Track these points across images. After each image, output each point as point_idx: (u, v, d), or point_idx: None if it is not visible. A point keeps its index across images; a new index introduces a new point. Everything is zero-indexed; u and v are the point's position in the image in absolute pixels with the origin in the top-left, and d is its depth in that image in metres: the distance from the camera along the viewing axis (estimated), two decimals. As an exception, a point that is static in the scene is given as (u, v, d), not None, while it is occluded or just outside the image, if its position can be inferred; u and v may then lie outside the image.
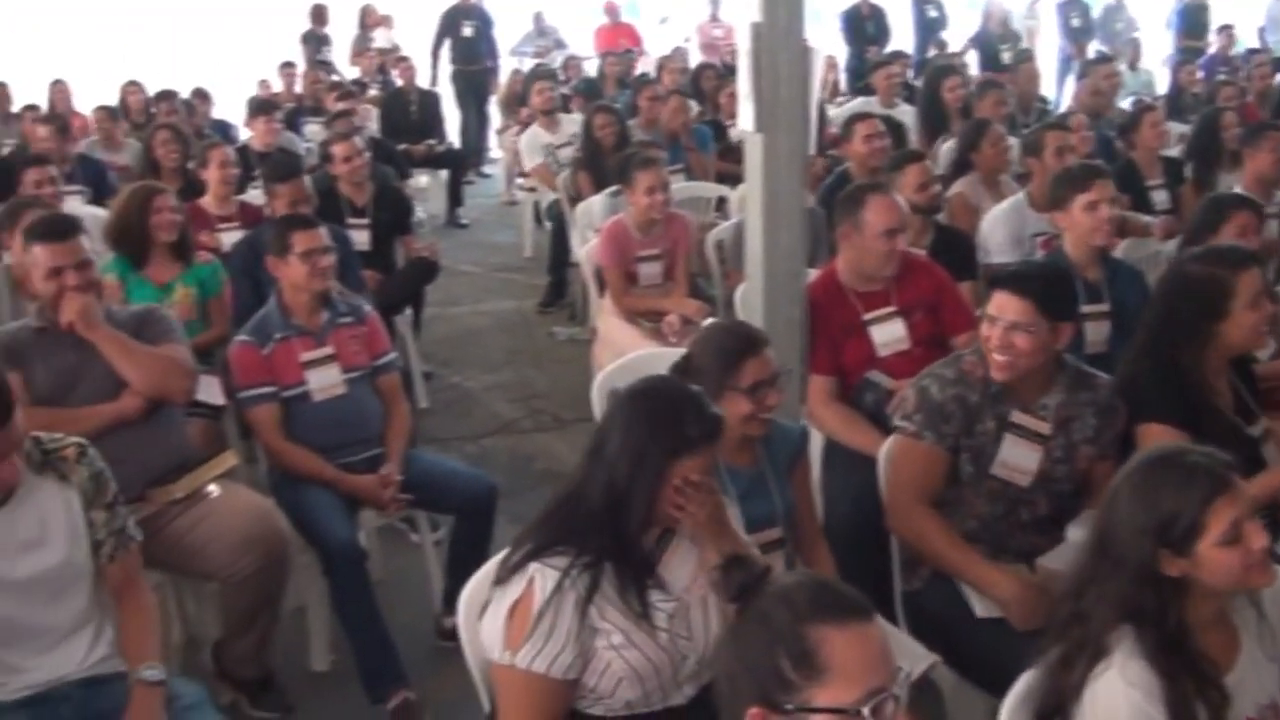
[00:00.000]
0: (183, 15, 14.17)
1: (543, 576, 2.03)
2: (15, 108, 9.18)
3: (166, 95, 8.56)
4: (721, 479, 2.60)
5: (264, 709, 3.35)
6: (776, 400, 2.67)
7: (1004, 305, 2.72)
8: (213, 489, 3.25)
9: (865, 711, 1.47)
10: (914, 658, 2.54)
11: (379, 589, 3.47)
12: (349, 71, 11.83)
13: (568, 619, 2.02)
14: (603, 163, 6.57)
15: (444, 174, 9.57)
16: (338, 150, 5.58)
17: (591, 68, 11.91)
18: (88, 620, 2.54)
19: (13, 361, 3.15)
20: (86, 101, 8.76)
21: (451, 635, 3.53)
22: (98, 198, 6.50)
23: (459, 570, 3.48)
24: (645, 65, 11.34)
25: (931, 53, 11.20)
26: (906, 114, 7.34)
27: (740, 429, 2.62)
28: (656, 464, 2.07)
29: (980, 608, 2.71)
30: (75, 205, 5.72)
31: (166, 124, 6.78)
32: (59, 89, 9.04)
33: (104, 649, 2.54)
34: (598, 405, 3.55)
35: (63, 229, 3.33)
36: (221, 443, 3.89)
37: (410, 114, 9.70)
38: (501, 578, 2.11)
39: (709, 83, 9.08)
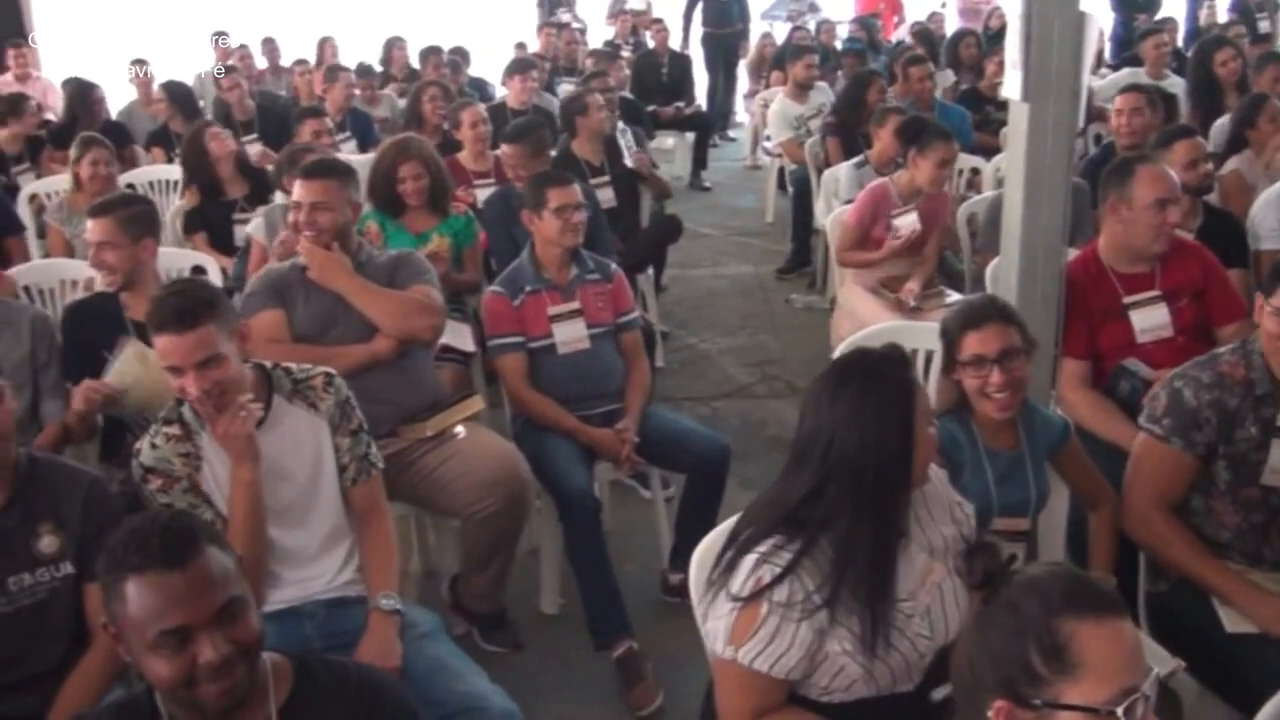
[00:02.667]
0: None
1: (772, 574, 1.98)
2: (285, 61, 9.78)
3: (433, 51, 8.86)
4: (980, 460, 2.55)
5: (495, 643, 3.49)
6: (999, 379, 2.58)
7: None
8: (460, 430, 3.37)
9: (1119, 712, 1.41)
10: (1157, 661, 2.43)
11: (608, 540, 3.53)
12: (605, 32, 12.02)
13: (795, 623, 1.97)
14: (856, 130, 6.46)
15: (690, 136, 9.62)
16: (592, 100, 5.69)
17: (845, 32, 11.70)
18: (337, 542, 2.71)
19: (278, 299, 3.37)
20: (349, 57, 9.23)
21: (676, 591, 3.61)
22: (363, 147, 6.87)
23: (688, 528, 3.55)
24: (903, 32, 11.07)
25: (1203, 20, 10.48)
26: (1177, 85, 6.92)
27: (978, 405, 2.60)
28: (901, 426, 2.00)
29: (1229, 622, 2.55)
30: (345, 154, 6.05)
31: (435, 81, 7.06)
32: (329, 44, 9.53)
33: (350, 573, 2.71)
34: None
35: (315, 170, 3.50)
36: (469, 388, 4.06)
37: (660, 76, 9.79)
38: (728, 567, 2.05)
39: (968, 50, 8.78)
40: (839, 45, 10.60)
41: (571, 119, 5.75)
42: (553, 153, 5.42)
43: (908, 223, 4.75)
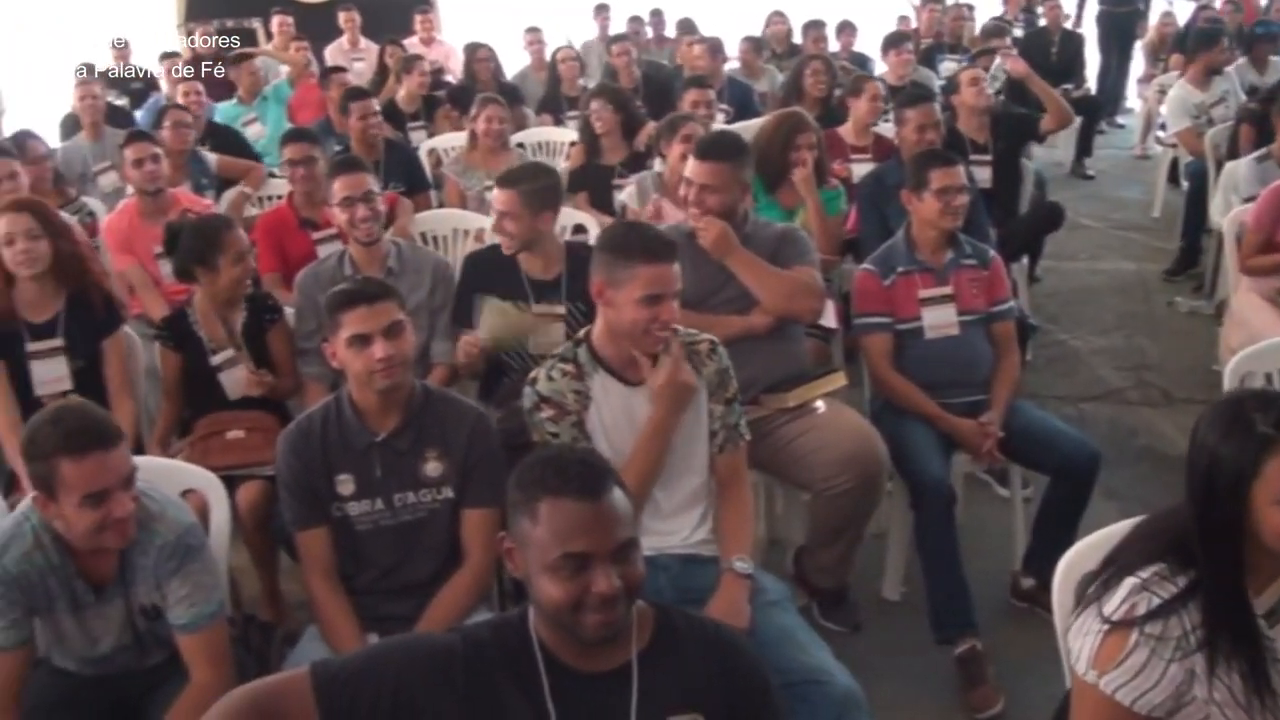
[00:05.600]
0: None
1: (1148, 604, 1.85)
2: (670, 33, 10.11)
3: (815, 25, 8.86)
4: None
5: (834, 621, 3.48)
6: None
7: None
8: (820, 405, 3.37)
9: None
10: None
11: (959, 534, 3.42)
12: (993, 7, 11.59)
13: (1166, 662, 1.83)
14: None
15: (1076, 121, 9.10)
16: (964, 76, 5.53)
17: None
18: (697, 502, 2.80)
19: None
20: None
21: (1026, 596, 3.49)
22: (740, 118, 6.97)
23: (1046, 533, 3.41)
24: None
25: None
26: None
27: None
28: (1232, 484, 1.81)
29: None
30: (719, 124, 6.16)
31: (819, 55, 7.05)
32: (683, 23, 9.78)
33: (704, 532, 2.78)
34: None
35: (709, 151, 3.52)
36: (829, 363, 4.05)
37: (1050, 55, 9.33)
38: (1105, 585, 1.93)
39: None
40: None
41: (948, 97, 5.63)
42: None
43: None
